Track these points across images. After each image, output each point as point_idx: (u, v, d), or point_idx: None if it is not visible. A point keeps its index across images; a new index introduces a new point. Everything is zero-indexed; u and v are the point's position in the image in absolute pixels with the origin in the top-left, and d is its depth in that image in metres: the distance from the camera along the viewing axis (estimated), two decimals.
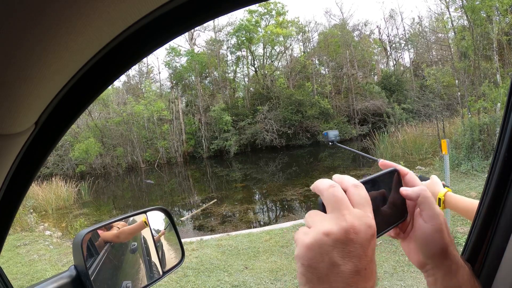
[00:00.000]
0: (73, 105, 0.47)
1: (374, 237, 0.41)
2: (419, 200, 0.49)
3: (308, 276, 0.39)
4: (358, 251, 0.39)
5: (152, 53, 0.99)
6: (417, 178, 0.52)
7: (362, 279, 0.39)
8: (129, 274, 0.79)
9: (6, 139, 0.40)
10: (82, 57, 0.41)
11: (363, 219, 0.40)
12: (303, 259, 0.40)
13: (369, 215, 0.41)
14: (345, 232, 0.39)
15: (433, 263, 0.50)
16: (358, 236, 0.39)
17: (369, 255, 0.40)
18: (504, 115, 0.61)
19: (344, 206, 0.41)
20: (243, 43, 24.68)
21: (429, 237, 0.48)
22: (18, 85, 0.35)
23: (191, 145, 23.86)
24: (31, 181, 0.53)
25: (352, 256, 0.39)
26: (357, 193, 0.43)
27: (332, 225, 0.40)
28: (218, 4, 0.44)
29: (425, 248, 0.49)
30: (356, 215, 0.40)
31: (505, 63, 11.04)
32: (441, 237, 0.48)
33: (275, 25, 24.33)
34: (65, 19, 0.31)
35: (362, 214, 0.41)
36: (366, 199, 0.43)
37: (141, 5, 0.38)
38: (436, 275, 0.50)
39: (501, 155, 0.60)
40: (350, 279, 0.38)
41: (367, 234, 0.40)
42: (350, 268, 0.38)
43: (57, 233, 7.79)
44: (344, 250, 0.39)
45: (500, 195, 0.60)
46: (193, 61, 24.27)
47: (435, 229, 0.48)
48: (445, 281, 0.49)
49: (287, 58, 26.35)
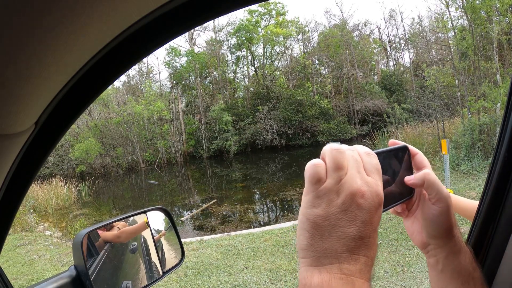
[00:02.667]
0: (73, 105, 0.47)
1: (381, 207, 0.40)
2: (426, 185, 0.49)
3: (312, 233, 0.38)
4: (364, 217, 0.38)
5: (152, 53, 0.99)
6: (426, 159, 0.53)
7: (365, 247, 0.38)
8: (129, 274, 0.79)
9: (6, 139, 0.40)
10: (82, 57, 0.41)
11: (372, 186, 0.40)
12: (309, 214, 0.39)
13: (378, 183, 0.41)
14: (353, 195, 0.38)
15: (436, 244, 0.50)
16: (366, 202, 0.38)
17: (374, 224, 0.39)
18: (504, 115, 0.61)
19: (357, 169, 0.40)
20: (243, 43, 24.68)
21: (436, 219, 0.49)
22: (18, 85, 0.35)
23: (191, 145, 23.86)
24: (31, 181, 0.53)
25: (357, 221, 0.38)
26: (369, 161, 0.42)
27: (343, 185, 0.39)
28: (218, 4, 0.44)
29: (431, 229, 0.50)
30: (366, 181, 0.40)
31: (505, 63, 11.03)
32: (448, 219, 0.49)
33: (275, 25, 24.32)
34: (65, 19, 0.31)
35: (373, 182, 0.40)
36: (377, 168, 0.42)
37: (141, 5, 0.38)
38: (438, 255, 0.50)
39: (501, 155, 0.60)
40: (352, 243, 0.37)
41: (374, 201, 0.39)
42: (354, 232, 0.37)
43: (57, 233, 7.79)
44: (351, 213, 0.38)
45: (500, 195, 0.60)
46: (193, 61, 24.27)
47: (442, 211, 0.49)
48: (446, 262, 0.49)
49: (287, 58, 26.35)
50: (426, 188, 0.49)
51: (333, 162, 0.40)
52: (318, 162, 0.40)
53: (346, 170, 0.40)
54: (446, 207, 0.49)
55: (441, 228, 0.49)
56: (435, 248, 0.51)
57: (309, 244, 0.38)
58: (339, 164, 0.40)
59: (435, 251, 0.51)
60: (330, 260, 0.37)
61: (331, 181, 0.39)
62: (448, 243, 0.50)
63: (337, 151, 0.41)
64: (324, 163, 0.41)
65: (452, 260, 0.49)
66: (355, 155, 0.42)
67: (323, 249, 0.37)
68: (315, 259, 0.38)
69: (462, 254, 0.50)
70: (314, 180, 0.39)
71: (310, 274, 0.37)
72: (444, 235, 0.49)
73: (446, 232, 0.49)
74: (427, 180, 0.49)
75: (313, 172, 0.40)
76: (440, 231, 0.49)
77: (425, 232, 0.51)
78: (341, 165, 0.40)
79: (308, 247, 0.38)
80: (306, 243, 0.39)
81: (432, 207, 0.49)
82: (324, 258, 0.37)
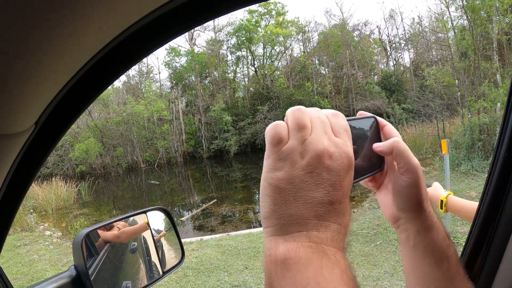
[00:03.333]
0: (73, 105, 0.47)
1: (352, 169, 0.37)
2: (394, 153, 0.46)
3: (274, 198, 0.35)
4: (333, 179, 0.35)
5: (152, 53, 0.99)
6: (395, 130, 0.50)
7: (336, 212, 0.34)
8: (129, 274, 0.79)
9: (6, 139, 0.40)
10: (82, 57, 0.41)
11: (341, 147, 0.37)
12: (270, 178, 0.36)
13: (348, 145, 0.38)
14: (319, 156, 0.35)
15: (406, 217, 0.47)
16: (334, 163, 0.35)
17: (345, 188, 0.36)
18: (504, 115, 0.61)
19: (324, 129, 0.37)
20: (243, 43, 24.67)
21: (405, 190, 0.46)
22: (18, 85, 0.35)
23: (191, 145, 23.86)
24: (31, 181, 0.53)
25: (325, 184, 0.34)
26: (336, 122, 0.39)
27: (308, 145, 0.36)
28: (218, 4, 0.44)
29: (400, 201, 0.47)
30: (334, 141, 0.37)
31: (505, 63, 11.03)
32: (417, 191, 0.46)
33: (275, 25, 24.32)
34: (65, 19, 0.31)
35: (341, 142, 0.37)
36: (346, 129, 0.39)
37: (141, 5, 0.38)
38: (409, 230, 0.47)
39: (501, 155, 0.60)
40: (321, 208, 0.34)
41: (344, 163, 0.36)
42: (322, 196, 0.34)
43: (57, 233, 7.79)
44: (318, 176, 0.34)
45: (500, 195, 0.60)
46: (193, 61, 24.27)
47: (411, 182, 0.46)
48: (418, 238, 0.47)
49: (287, 58, 26.34)
50: (395, 157, 0.46)
51: (295, 122, 0.37)
52: (279, 123, 0.38)
53: (311, 130, 0.37)
54: (415, 178, 0.46)
55: (410, 200, 0.46)
56: (406, 222, 0.48)
57: (272, 211, 0.35)
58: (301, 123, 0.37)
59: (405, 225, 0.48)
60: (296, 227, 0.33)
61: (294, 142, 0.36)
62: (419, 217, 0.47)
63: (299, 110, 0.38)
64: (286, 125, 0.38)
65: (424, 236, 0.46)
66: (321, 115, 0.39)
67: (288, 215, 0.34)
68: (279, 227, 0.34)
69: (435, 230, 0.47)
70: (275, 141, 0.36)
71: (274, 244, 0.34)
72: (414, 208, 0.46)
73: (416, 205, 0.46)
74: (396, 147, 0.46)
75: (274, 132, 0.37)
76: (410, 204, 0.46)
77: (395, 204, 0.48)
78: (303, 124, 0.37)
79: (271, 214, 0.35)
80: (268, 210, 0.35)
81: (401, 178, 0.46)
82: (290, 226, 0.34)
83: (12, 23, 0.28)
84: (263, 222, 0.36)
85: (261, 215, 0.36)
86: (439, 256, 0.46)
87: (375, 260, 4.39)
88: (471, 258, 0.64)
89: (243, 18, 24.37)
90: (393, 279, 3.86)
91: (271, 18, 25.28)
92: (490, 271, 0.59)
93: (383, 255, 4.49)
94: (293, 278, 0.31)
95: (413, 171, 0.46)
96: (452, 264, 0.46)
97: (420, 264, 0.47)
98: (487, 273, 0.59)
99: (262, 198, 0.36)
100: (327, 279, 0.30)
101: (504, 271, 0.57)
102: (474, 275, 0.63)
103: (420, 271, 0.47)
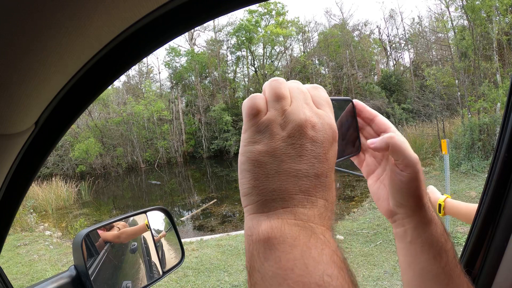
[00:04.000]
0: (73, 105, 0.47)
1: (336, 141, 0.35)
2: (391, 150, 0.44)
3: (254, 172, 0.32)
4: (318, 151, 0.32)
5: (152, 53, 0.99)
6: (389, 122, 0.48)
7: (323, 187, 0.32)
8: (129, 274, 0.79)
9: (6, 139, 0.40)
10: (82, 57, 0.41)
11: (324, 118, 0.35)
12: (249, 151, 0.33)
13: (330, 116, 0.36)
14: (301, 126, 0.33)
15: (404, 213, 0.46)
16: (318, 134, 0.33)
17: (330, 161, 0.34)
18: (504, 115, 0.61)
19: (305, 100, 0.35)
20: (243, 43, 24.67)
21: (404, 186, 0.44)
22: (18, 85, 0.35)
23: (191, 145, 23.86)
24: (31, 181, 0.53)
25: (309, 156, 0.32)
26: (317, 94, 0.37)
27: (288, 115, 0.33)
28: (218, 4, 0.43)
29: (399, 197, 0.45)
30: (316, 112, 0.35)
31: (505, 63, 11.03)
32: (417, 186, 0.44)
33: (275, 25, 24.32)
34: (65, 19, 0.31)
35: (324, 113, 0.35)
36: (327, 101, 0.37)
37: (141, 5, 0.38)
38: (406, 226, 0.46)
39: (501, 155, 0.60)
40: (306, 182, 0.31)
41: (328, 134, 0.34)
42: (307, 168, 0.31)
43: (57, 233, 7.79)
44: (300, 147, 0.32)
45: (500, 195, 0.60)
46: (193, 61, 24.27)
47: (411, 177, 0.44)
48: (415, 233, 0.45)
49: (287, 58, 26.34)
50: (392, 153, 0.44)
51: (273, 92, 0.35)
52: (256, 94, 0.35)
53: (290, 101, 0.35)
54: (415, 173, 0.44)
55: (409, 196, 0.44)
56: (403, 217, 0.46)
57: (253, 187, 0.32)
58: (280, 93, 0.34)
59: (403, 221, 0.46)
60: (280, 203, 0.30)
61: (273, 112, 0.34)
62: (417, 212, 0.45)
63: (276, 81, 0.36)
64: (264, 96, 0.35)
65: (421, 231, 0.45)
66: (300, 86, 0.37)
67: (271, 190, 0.31)
68: (261, 204, 0.31)
69: (433, 225, 0.45)
70: (252, 112, 0.34)
71: (256, 222, 0.31)
72: (414, 203, 0.45)
73: (416, 201, 0.44)
74: (392, 144, 0.43)
75: (251, 103, 0.34)
76: (409, 200, 0.44)
77: (393, 200, 0.46)
78: (282, 94, 0.34)
79: (252, 190, 0.32)
80: (248, 186, 0.32)
81: (400, 173, 0.44)
82: (273, 202, 0.31)
83: (12, 24, 0.28)
84: (243, 200, 0.33)
85: (241, 192, 0.33)
86: (437, 250, 0.44)
87: (375, 260, 4.39)
88: (471, 258, 0.64)
89: (243, 18, 24.37)
90: (393, 279, 3.86)
91: (271, 18, 25.28)
92: (490, 271, 0.59)
93: (383, 255, 4.49)
94: (278, 260, 0.27)
95: (412, 166, 0.44)
96: (450, 258, 0.45)
97: (418, 259, 0.45)
98: (487, 273, 0.59)
99: (241, 174, 0.33)
100: (316, 260, 0.27)
101: (504, 271, 0.57)
102: (474, 275, 0.63)
103: (417, 266, 0.45)
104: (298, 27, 26.10)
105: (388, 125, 0.47)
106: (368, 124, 0.49)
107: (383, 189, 0.49)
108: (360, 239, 5.17)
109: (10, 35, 0.29)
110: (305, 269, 0.26)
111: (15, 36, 0.29)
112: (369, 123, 0.49)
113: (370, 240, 5.10)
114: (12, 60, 0.32)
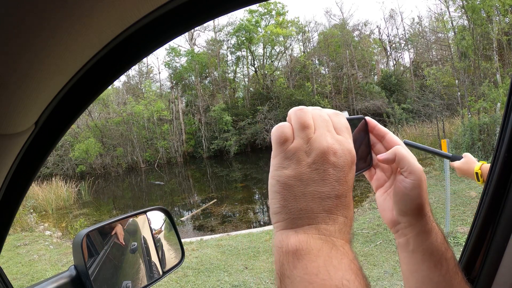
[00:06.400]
0: (73, 105, 0.47)
1: (354, 165, 0.39)
2: (397, 159, 0.48)
3: (283, 194, 0.37)
4: (338, 175, 0.37)
5: (152, 53, 0.99)
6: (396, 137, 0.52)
7: (342, 206, 0.36)
8: (129, 274, 0.79)
9: (6, 139, 0.40)
10: (82, 57, 0.41)
11: (344, 144, 0.39)
12: (279, 175, 0.37)
13: (349, 142, 0.40)
14: (324, 153, 0.37)
15: (406, 222, 0.49)
16: (338, 160, 0.37)
17: (349, 182, 0.38)
18: (504, 115, 0.61)
19: (327, 128, 0.39)
20: (243, 43, 24.67)
21: (408, 192, 0.47)
22: (18, 85, 0.35)
23: (191, 145, 23.86)
24: (31, 181, 0.53)
25: (331, 179, 0.36)
26: (338, 121, 0.41)
27: (313, 143, 0.38)
28: (218, 4, 0.44)
29: (402, 204, 0.48)
30: (337, 139, 0.39)
31: (505, 63, 11.03)
32: (419, 193, 0.47)
33: (275, 25, 24.32)
34: (65, 19, 0.31)
35: (344, 140, 0.39)
36: (347, 127, 0.42)
37: (141, 5, 0.38)
38: (408, 235, 0.49)
39: (501, 155, 0.60)
40: (329, 202, 0.36)
41: (347, 159, 0.38)
42: (329, 190, 0.36)
43: (57, 233, 7.79)
44: (324, 172, 0.36)
45: (500, 195, 0.60)
46: (193, 61, 24.28)
47: (415, 184, 0.47)
48: (417, 242, 0.48)
49: (287, 58, 26.34)
50: (398, 162, 0.48)
51: (298, 121, 0.39)
52: (284, 123, 0.40)
53: (314, 129, 0.39)
54: (418, 180, 0.47)
55: (412, 203, 0.47)
56: (406, 226, 0.49)
57: (282, 206, 0.36)
58: (305, 122, 0.39)
59: (405, 230, 0.49)
60: (306, 221, 0.35)
61: (299, 141, 0.38)
62: (419, 221, 0.48)
63: (301, 110, 0.40)
64: (290, 125, 0.40)
65: (423, 239, 0.47)
66: (323, 114, 0.41)
67: (298, 210, 0.36)
68: (289, 221, 0.36)
69: (434, 233, 0.48)
70: (281, 140, 0.38)
71: (285, 236, 0.35)
72: (416, 211, 0.48)
73: (418, 209, 0.48)
74: (398, 153, 0.48)
75: (279, 132, 0.39)
76: (412, 207, 0.48)
77: (396, 208, 0.49)
78: (307, 124, 0.39)
79: (282, 209, 0.37)
80: (278, 206, 0.37)
81: (405, 180, 0.48)
82: (300, 219, 0.35)
83: (12, 24, 0.28)
84: (273, 218, 0.38)
85: (271, 211, 0.38)
86: (438, 259, 0.47)
87: (375, 260, 4.39)
88: (471, 259, 0.64)
89: (243, 18, 24.39)
90: (393, 279, 3.86)
91: (271, 18, 25.28)
92: (490, 272, 0.59)
93: (383, 255, 4.49)
94: (305, 267, 0.32)
95: (416, 173, 0.47)
96: (450, 266, 0.47)
97: (419, 267, 0.48)
98: (487, 274, 0.59)
99: (272, 195, 0.38)
100: (337, 267, 0.32)
101: (504, 272, 0.57)
102: (474, 276, 0.63)
103: (419, 274, 0.48)
104: (298, 27, 26.09)
105: (398, 142, 0.51)
106: (379, 140, 0.53)
107: (389, 201, 0.52)
108: (360, 239, 5.17)
109: (10, 35, 0.29)
110: (327, 275, 0.31)
111: (15, 36, 0.29)
112: (381, 139, 0.53)
113: (370, 240, 5.10)
114: (12, 60, 0.32)
